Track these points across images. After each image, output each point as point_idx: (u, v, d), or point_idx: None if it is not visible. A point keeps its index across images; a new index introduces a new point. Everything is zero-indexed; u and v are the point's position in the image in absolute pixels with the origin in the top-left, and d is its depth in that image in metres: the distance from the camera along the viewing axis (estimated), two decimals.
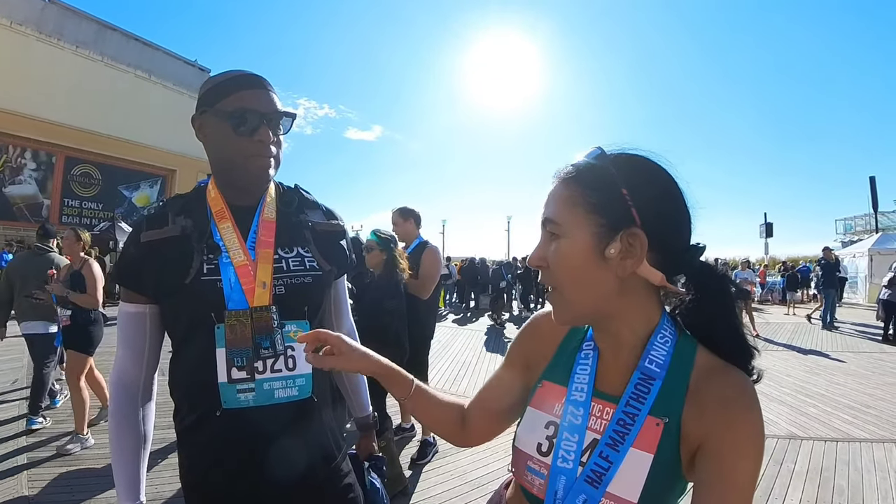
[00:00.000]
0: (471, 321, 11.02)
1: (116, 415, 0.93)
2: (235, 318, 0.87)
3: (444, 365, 6.06)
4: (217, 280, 0.88)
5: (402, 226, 3.29)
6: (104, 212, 18.13)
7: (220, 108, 0.89)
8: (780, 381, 5.11)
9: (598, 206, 0.59)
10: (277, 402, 0.89)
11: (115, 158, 18.71)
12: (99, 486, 2.65)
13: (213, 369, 0.86)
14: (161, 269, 0.87)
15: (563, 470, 0.62)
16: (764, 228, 18.99)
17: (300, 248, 0.98)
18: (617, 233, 0.58)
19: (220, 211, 0.94)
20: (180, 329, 0.91)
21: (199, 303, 0.87)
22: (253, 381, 0.87)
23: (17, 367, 5.25)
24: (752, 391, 0.58)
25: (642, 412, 0.59)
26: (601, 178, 0.60)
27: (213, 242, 0.90)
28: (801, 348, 7.24)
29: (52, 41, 16.92)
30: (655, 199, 0.60)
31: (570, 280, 0.61)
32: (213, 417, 0.86)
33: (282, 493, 0.91)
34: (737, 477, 0.54)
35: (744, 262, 10.83)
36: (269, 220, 0.97)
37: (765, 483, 2.79)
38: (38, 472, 2.84)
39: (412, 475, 2.95)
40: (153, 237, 0.89)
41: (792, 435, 3.56)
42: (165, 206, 0.94)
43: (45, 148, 16.94)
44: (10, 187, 16.31)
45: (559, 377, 0.70)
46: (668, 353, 0.61)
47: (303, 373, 0.92)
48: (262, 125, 0.90)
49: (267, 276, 0.91)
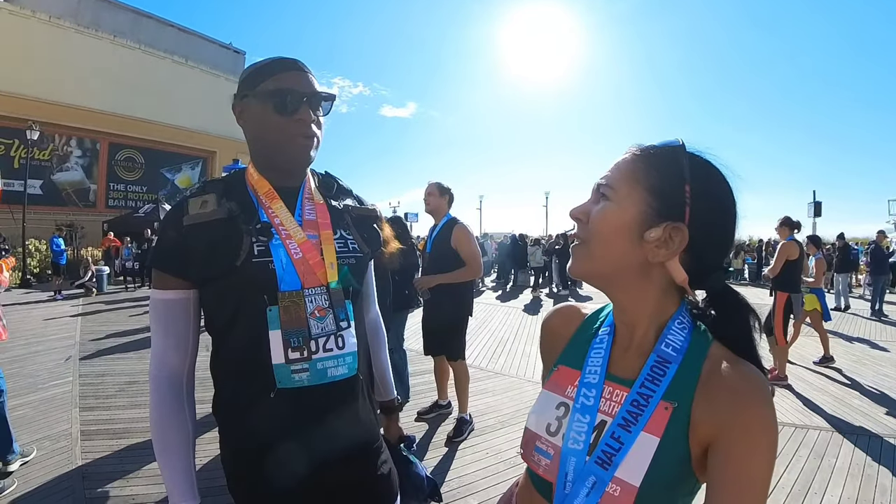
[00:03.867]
0: (510, 298, 11.02)
1: (163, 411, 0.90)
2: (289, 300, 0.88)
3: (481, 342, 6.10)
4: (269, 262, 0.88)
5: (436, 199, 3.25)
6: (148, 194, 19.01)
7: (260, 91, 0.90)
8: (823, 370, 4.89)
9: (656, 190, 0.60)
10: (330, 380, 0.90)
11: (156, 142, 19.42)
12: (148, 457, 2.81)
13: (266, 350, 0.86)
14: (209, 253, 0.86)
15: (573, 451, 0.62)
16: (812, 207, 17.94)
17: (343, 231, 1.01)
18: (663, 221, 0.59)
19: (268, 192, 0.94)
20: (227, 312, 0.89)
21: (250, 285, 0.87)
22: (308, 360, 0.88)
23: (69, 346, 5.62)
24: (765, 385, 0.56)
25: (656, 395, 0.59)
26: (671, 166, 0.61)
27: (263, 224, 0.90)
28: (846, 336, 6.85)
29: (90, 32, 17.54)
30: (712, 210, 0.60)
31: (601, 239, 0.62)
32: (267, 398, 0.86)
33: (333, 469, 0.92)
34: (750, 474, 0.52)
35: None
36: (321, 203, 1.00)
37: (804, 477, 2.68)
38: (91, 444, 3.04)
39: (448, 452, 3.00)
40: (198, 220, 0.87)
41: (834, 428, 3.41)
42: (206, 189, 0.92)
43: (90, 135, 17.75)
44: (58, 174, 17.23)
45: (574, 361, 0.70)
46: (685, 340, 0.62)
47: (350, 351, 0.94)
48: (302, 105, 0.91)
49: (333, 256, 0.94)
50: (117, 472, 2.70)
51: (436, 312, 3.25)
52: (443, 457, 2.93)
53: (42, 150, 16.38)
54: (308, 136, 0.92)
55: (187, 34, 21.33)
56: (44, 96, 15.43)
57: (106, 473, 2.70)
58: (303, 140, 0.92)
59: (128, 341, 5.95)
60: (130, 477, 2.64)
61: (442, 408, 3.59)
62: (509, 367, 4.99)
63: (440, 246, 3.19)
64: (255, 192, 0.95)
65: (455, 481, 2.64)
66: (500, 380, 4.56)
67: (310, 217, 0.96)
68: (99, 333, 6.38)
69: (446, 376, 3.52)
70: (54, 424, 3.34)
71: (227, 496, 0.95)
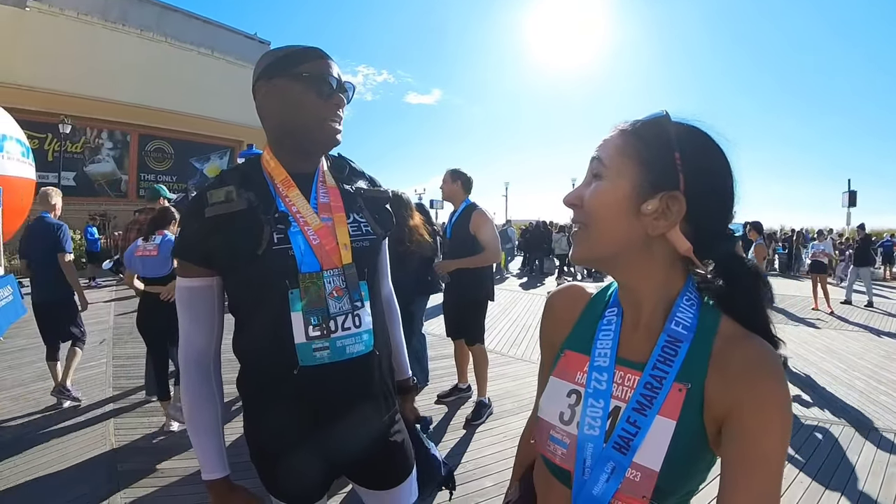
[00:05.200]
0: (534, 285, 11.00)
1: (192, 392, 0.96)
2: (309, 280, 0.92)
3: (504, 327, 6.14)
4: (288, 248, 0.92)
5: (449, 185, 3.28)
6: (178, 184, 19.41)
7: (296, 73, 0.93)
8: (851, 364, 4.74)
9: (647, 162, 0.59)
10: (348, 357, 0.95)
11: (185, 133, 19.84)
12: (176, 434, 2.95)
13: (288, 330, 0.91)
14: (231, 243, 0.90)
15: (590, 437, 0.61)
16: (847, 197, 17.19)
17: (356, 215, 1.03)
18: (658, 192, 0.59)
19: (285, 180, 0.97)
20: (251, 297, 0.95)
21: (272, 272, 0.91)
22: (328, 338, 0.92)
23: (104, 329, 5.87)
24: (777, 361, 0.56)
25: (670, 376, 0.58)
26: (658, 136, 0.60)
27: (281, 213, 0.94)
28: (878, 330, 6.60)
29: (118, 27, 17.91)
30: (704, 173, 0.60)
31: (598, 220, 0.61)
32: (291, 376, 0.91)
33: (351, 441, 0.97)
34: (764, 450, 0.52)
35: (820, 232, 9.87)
36: (333, 187, 1.03)
37: (824, 473, 2.63)
38: (123, 421, 3.20)
39: (466, 434, 3.06)
40: (219, 211, 0.91)
41: (859, 424, 3.31)
42: (225, 180, 0.96)
43: (120, 128, 18.27)
44: (90, 166, 17.84)
45: (581, 346, 0.69)
46: (693, 317, 0.61)
47: (367, 328, 0.98)
48: (337, 90, 0.96)
49: (346, 237, 0.98)
50: (148, 448, 2.85)
51: (455, 296, 3.30)
52: (461, 439, 3.00)
53: (74, 144, 16.96)
54: (339, 121, 0.97)
55: (212, 26, 21.63)
56: (74, 91, 15.90)
57: (137, 448, 2.85)
58: (334, 124, 0.96)
59: None
60: (160, 452, 2.78)
61: (462, 391, 3.64)
62: (531, 353, 4.99)
63: (459, 231, 3.22)
64: (271, 181, 0.98)
65: (471, 463, 2.71)
66: (521, 365, 4.59)
67: (324, 201, 1.00)
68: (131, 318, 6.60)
69: (466, 360, 3.57)
70: (88, 403, 3.52)
71: (251, 471, 1.01)
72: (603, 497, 0.58)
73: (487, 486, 2.46)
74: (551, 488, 0.68)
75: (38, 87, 15.16)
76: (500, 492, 2.36)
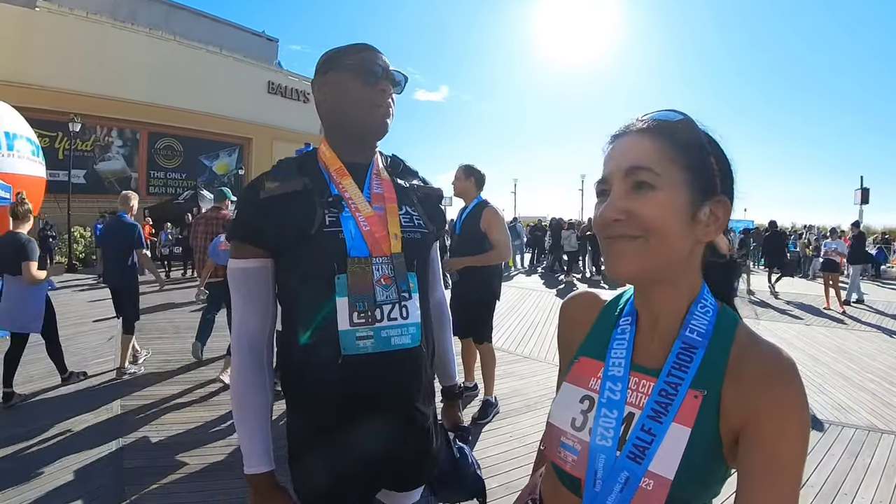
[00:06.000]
0: (542, 283, 10.97)
1: (244, 377, 0.94)
2: (358, 265, 0.92)
3: (511, 325, 6.12)
4: (339, 231, 0.92)
5: (461, 182, 3.26)
6: (187, 181, 19.62)
7: (345, 64, 0.97)
8: (864, 366, 4.67)
9: (693, 168, 0.58)
10: (393, 349, 0.92)
11: (194, 131, 20.01)
12: (183, 431, 2.97)
13: (332, 317, 0.89)
14: (284, 222, 0.91)
15: (602, 448, 0.60)
16: (859, 194, 16.96)
17: (408, 208, 1.04)
18: (707, 198, 0.58)
19: (339, 169, 0.99)
20: (297, 280, 0.93)
21: (323, 253, 0.91)
22: (372, 327, 0.91)
23: (112, 326, 5.91)
24: (794, 367, 0.55)
25: (685, 383, 0.58)
26: (694, 141, 0.59)
27: (335, 197, 0.95)
28: (891, 330, 6.50)
29: (127, 26, 18.11)
30: (728, 177, 0.61)
31: (661, 233, 0.57)
32: (335, 365, 0.89)
33: (388, 440, 0.95)
34: (781, 457, 0.51)
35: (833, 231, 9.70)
36: (387, 180, 1.04)
37: (836, 476, 2.59)
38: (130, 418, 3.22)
39: (472, 434, 3.03)
40: (275, 192, 0.92)
41: (871, 426, 3.26)
42: (281, 166, 0.99)
43: (130, 126, 18.44)
44: (100, 164, 18.04)
45: (596, 352, 0.68)
46: (709, 324, 0.60)
47: (415, 321, 0.96)
48: (384, 78, 0.98)
49: (397, 227, 0.98)
50: (154, 445, 2.87)
51: (463, 294, 3.28)
52: None
53: (84, 142, 17.15)
54: (387, 107, 0.99)
55: (220, 24, 21.80)
56: (84, 90, 16.09)
57: (144, 445, 2.87)
58: (381, 109, 0.98)
59: (165, 323, 6.25)
60: (167, 449, 2.80)
61: (468, 390, 3.62)
62: (538, 351, 4.98)
63: (469, 228, 3.20)
64: (326, 169, 1.00)
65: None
66: (528, 364, 4.57)
67: (377, 191, 1.01)
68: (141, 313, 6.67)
69: (473, 358, 3.55)
70: (97, 399, 3.56)
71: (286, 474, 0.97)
72: None
73: (493, 486, 2.44)
74: (559, 496, 0.67)
75: (49, 87, 15.34)
76: (507, 492, 2.37)
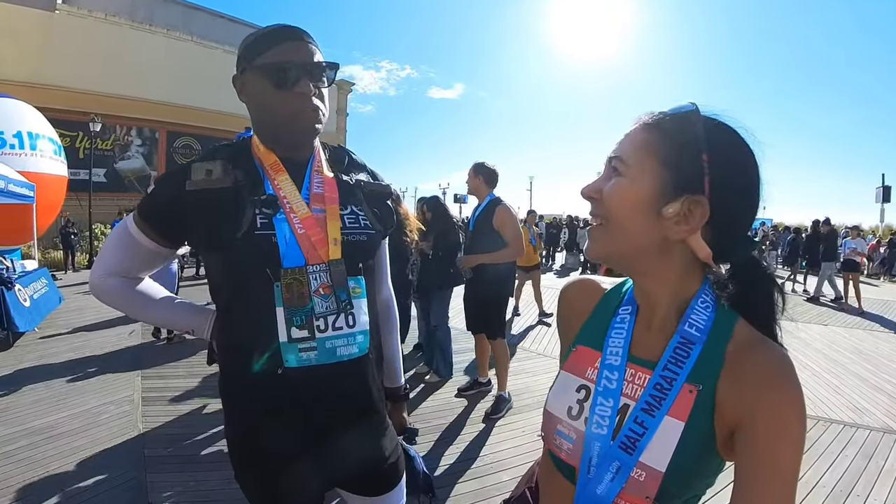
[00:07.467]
0: (558, 280, 10.91)
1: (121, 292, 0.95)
2: (292, 277, 0.84)
3: (526, 323, 6.09)
4: (272, 235, 0.85)
5: (472, 179, 3.30)
6: None
7: (257, 65, 0.86)
8: (881, 367, 4.58)
9: (671, 162, 0.56)
10: (339, 359, 0.87)
11: (211, 129, 20.16)
12: (203, 421, 3.04)
13: (272, 327, 0.83)
14: (210, 221, 0.84)
15: (597, 436, 0.60)
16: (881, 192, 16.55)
17: (354, 207, 0.97)
18: (681, 195, 0.56)
19: (274, 164, 0.90)
20: (231, 286, 0.87)
21: (252, 258, 0.84)
22: (314, 339, 0.85)
23: (133, 320, 6.08)
24: (792, 368, 0.54)
25: (680, 377, 0.57)
26: (686, 135, 0.56)
27: (269, 196, 0.87)
28: None
29: (145, 27, 18.40)
30: (733, 178, 0.56)
31: (617, 218, 0.59)
32: (274, 375, 0.84)
33: (339, 451, 0.91)
34: (777, 458, 0.50)
35: (853, 230, 9.41)
36: (329, 177, 0.95)
37: (848, 477, 2.57)
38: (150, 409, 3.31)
39: (485, 428, 3.09)
40: (201, 186, 0.84)
41: (887, 428, 3.21)
42: (213, 154, 0.90)
43: (149, 125, 18.77)
44: (120, 163, 18.39)
45: (593, 341, 0.68)
46: (708, 319, 0.59)
47: (362, 329, 0.91)
48: (302, 77, 0.86)
49: (337, 232, 0.90)
50: (174, 435, 2.95)
51: (476, 291, 3.32)
52: (479, 432, 3.03)
53: (104, 141, 17.49)
54: (311, 110, 0.88)
55: (237, 24, 22.04)
56: (104, 90, 16.41)
57: (164, 435, 2.96)
58: (305, 114, 0.87)
59: None
60: (186, 439, 2.88)
61: (482, 385, 3.67)
62: (552, 349, 4.98)
63: (482, 225, 3.23)
64: (261, 164, 0.91)
65: (489, 456, 2.74)
66: (542, 361, 4.58)
67: (317, 191, 0.92)
68: None
69: (487, 354, 3.58)
70: (118, 391, 3.67)
71: None
72: (606, 496, 0.57)
73: (505, 479, 2.48)
74: (554, 482, 0.68)
75: (69, 87, 15.66)
76: None
